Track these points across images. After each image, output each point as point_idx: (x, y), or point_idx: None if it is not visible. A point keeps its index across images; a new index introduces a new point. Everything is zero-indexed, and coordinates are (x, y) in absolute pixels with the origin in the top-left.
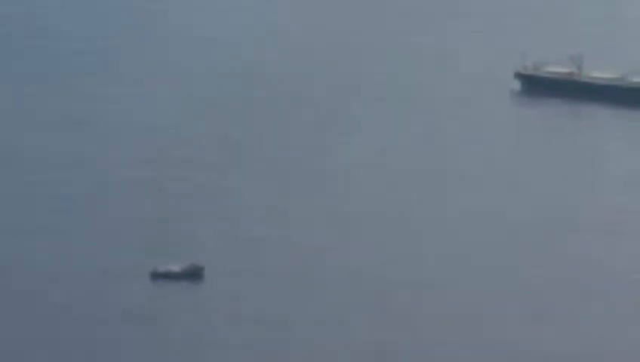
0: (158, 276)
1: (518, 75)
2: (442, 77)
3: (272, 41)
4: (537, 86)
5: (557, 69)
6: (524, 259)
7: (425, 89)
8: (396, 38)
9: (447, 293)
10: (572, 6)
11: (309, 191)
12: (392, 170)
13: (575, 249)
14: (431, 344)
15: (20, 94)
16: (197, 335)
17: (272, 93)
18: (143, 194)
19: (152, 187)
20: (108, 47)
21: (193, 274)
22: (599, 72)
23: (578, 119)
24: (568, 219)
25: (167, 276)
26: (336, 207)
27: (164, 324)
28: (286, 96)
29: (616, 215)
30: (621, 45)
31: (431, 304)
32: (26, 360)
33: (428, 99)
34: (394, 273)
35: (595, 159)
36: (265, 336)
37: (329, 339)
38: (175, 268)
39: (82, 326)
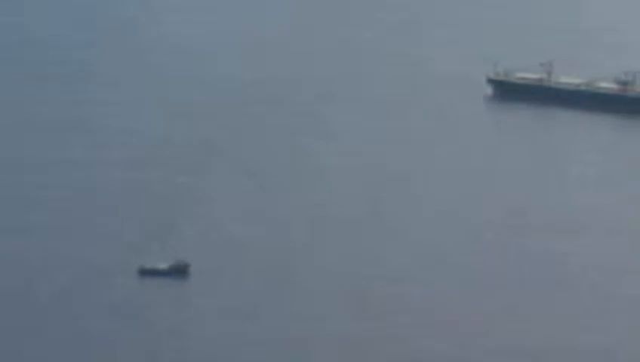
0: (145, 273)
1: (491, 81)
2: (418, 82)
3: (248, 49)
4: (509, 91)
5: (527, 75)
6: (493, 255)
7: (401, 93)
8: (373, 45)
9: (419, 288)
10: (542, 16)
11: (286, 192)
12: (366, 171)
13: (542, 245)
14: (402, 335)
15: (9, 100)
16: (182, 328)
17: (250, 99)
18: (130, 194)
19: (139, 188)
20: (93, 56)
21: (179, 271)
22: (567, 78)
23: (547, 122)
24: (537, 218)
25: (154, 273)
26: (312, 206)
27: (151, 318)
28: (263, 100)
29: (581, 213)
30: (588, 53)
31: (402, 298)
32: (19, 351)
33: (404, 103)
34: (367, 269)
35: (563, 160)
36: (246, 329)
37: (306, 331)
38: (162, 265)
39: (73, 319)
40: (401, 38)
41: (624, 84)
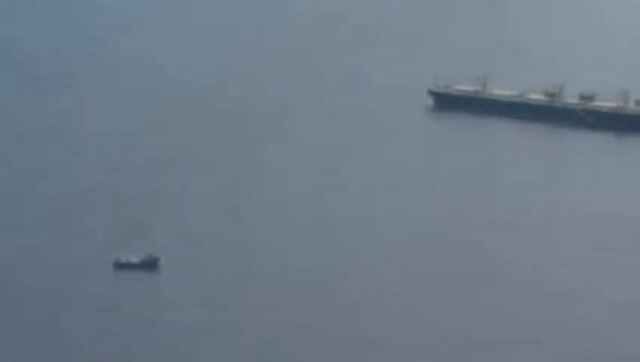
0: (119, 266)
1: (431, 93)
2: (366, 94)
3: (214, 64)
4: (448, 102)
5: (465, 87)
6: (434, 250)
7: (351, 104)
8: (326, 59)
9: (366, 281)
10: (478, 33)
11: (248, 192)
12: (318, 174)
13: (479, 242)
14: (349, 323)
15: None
16: (152, 315)
17: (215, 108)
18: (106, 195)
19: (113, 189)
20: (68, 69)
21: (150, 264)
22: (501, 91)
23: (483, 131)
24: (473, 218)
25: (128, 266)
26: (270, 206)
27: (124, 306)
28: (227, 110)
29: (513, 214)
30: (520, 67)
31: (350, 289)
32: None
33: (354, 112)
34: (320, 262)
35: (497, 165)
36: (212, 318)
37: (265, 319)
38: (134, 259)
39: (54, 307)
40: (351, 54)
41: (552, 95)
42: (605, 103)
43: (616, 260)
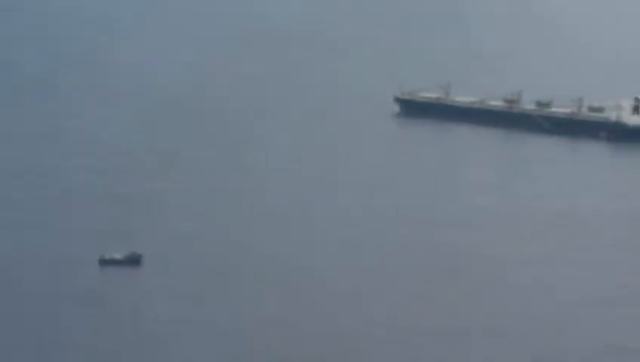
0: (104, 262)
1: (397, 100)
2: (335, 101)
3: (199, 73)
4: (413, 108)
5: (428, 94)
6: (401, 248)
7: (320, 110)
8: (297, 68)
9: (338, 276)
10: (441, 42)
11: (229, 193)
12: (292, 176)
13: (441, 239)
14: (325, 316)
15: None
16: (136, 311)
17: (196, 114)
18: (93, 196)
19: (101, 190)
20: (61, 77)
21: (133, 261)
22: (463, 97)
23: (446, 135)
24: (435, 216)
25: (112, 262)
26: (250, 206)
27: (109, 301)
28: (208, 115)
29: (474, 212)
30: (480, 75)
31: (325, 285)
32: None
33: (324, 119)
34: (296, 260)
35: (459, 167)
36: (192, 311)
37: (244, 313)
38: (118, 255)
39: (41, 302)
40: (322, 64)
41: (510, 102)
42: (560, 109)
43: (572, 257)
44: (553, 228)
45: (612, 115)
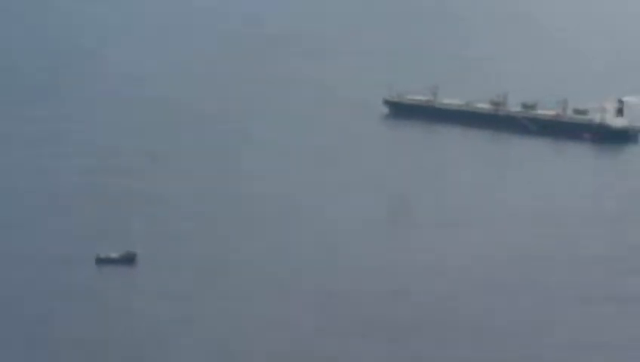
0: (100, 261)
1: (386, 102)
2: (326, 103)
3: (188, 76)
4: (401, 110)
5: (417, 96)
6: (385, 245)
7: (311, 112)
8: (288, 72)
9: (321, 273)
10: (428, 46)
11: (219, 193)
12: (284, 177)
13: (427, 237)
14: (308, 312)
15: None
16: (130, 307)
17: (187, 115)
18: (88, 196)
19: (95, 191)
20: (56, 81)
21: (128, 260)
22: (450, 100)
23: (433, 136)
24: (422, 215)
25: (108, 261)
26: (241, 206)
27: (105, 298)
28: (199, 117)
29: (459, 211)
30: (467, 78)
31: (308, 281)
32: None
33: (313, 120)
34: (284, 258)
35: (446, 167)
36: (185, 308)
37: (236, 310)
38: (114, 254)
39: (39, 300)
40: (312, 67)
41: (496, 104)
42: (545, 111)
43: (554, 254)
44: (538, 227)
45: (596, 117)
